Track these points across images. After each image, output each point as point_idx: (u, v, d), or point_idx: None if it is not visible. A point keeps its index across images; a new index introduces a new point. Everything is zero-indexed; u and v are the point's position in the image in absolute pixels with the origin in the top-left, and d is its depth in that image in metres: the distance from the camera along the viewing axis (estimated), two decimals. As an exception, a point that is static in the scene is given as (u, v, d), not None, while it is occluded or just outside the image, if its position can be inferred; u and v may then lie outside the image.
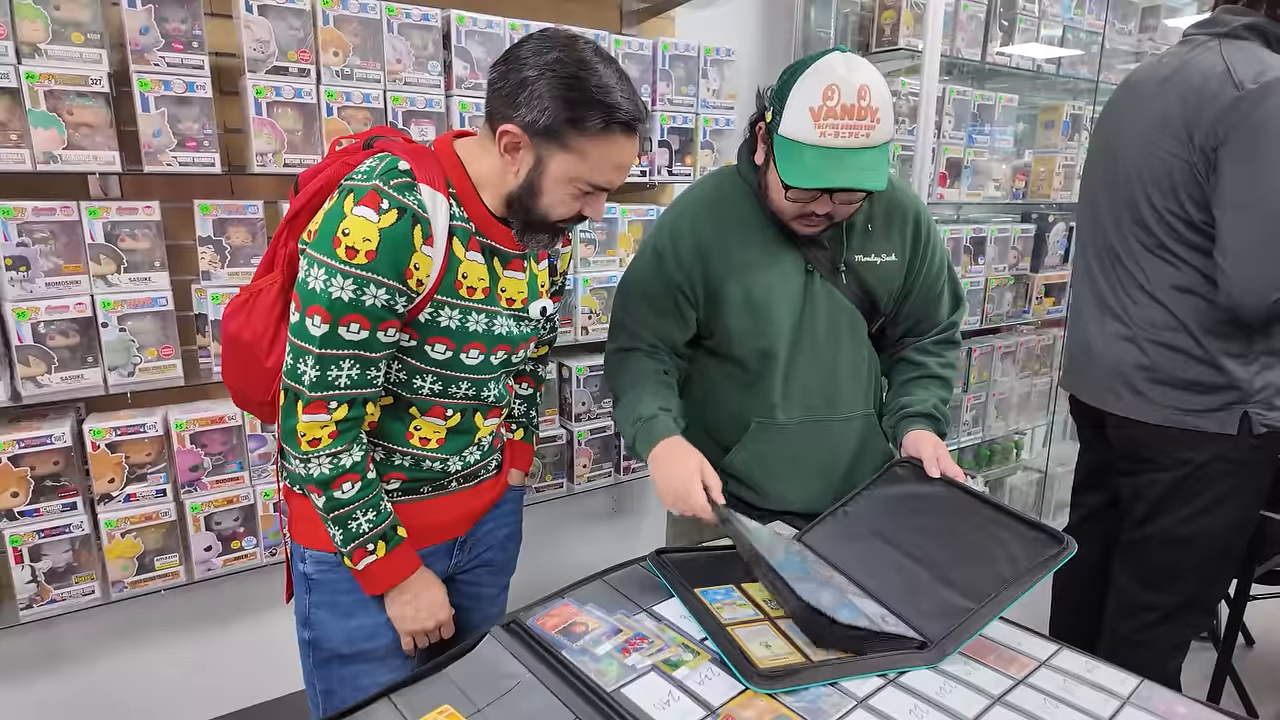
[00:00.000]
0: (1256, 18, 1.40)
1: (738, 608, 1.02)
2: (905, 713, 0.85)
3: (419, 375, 1.10)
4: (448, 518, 1.23)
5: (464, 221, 1.07)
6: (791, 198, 1.19)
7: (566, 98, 0.97)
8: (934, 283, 1.40)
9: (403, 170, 1.01)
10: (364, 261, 0.97)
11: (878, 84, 1.13)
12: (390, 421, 1.13)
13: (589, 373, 1.99)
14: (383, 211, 0.97)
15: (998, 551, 1.04)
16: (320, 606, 1.16)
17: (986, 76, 2.60)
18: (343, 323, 0.99)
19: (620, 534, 2.43)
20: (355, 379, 1.03)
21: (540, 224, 1.08)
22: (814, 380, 1.33)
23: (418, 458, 1.16)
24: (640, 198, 2.13)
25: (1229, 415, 1.44)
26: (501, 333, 1.13)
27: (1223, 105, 1.33)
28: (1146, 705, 0.88)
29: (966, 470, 2.99)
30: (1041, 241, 2.75)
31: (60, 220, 1.41)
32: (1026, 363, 2.86)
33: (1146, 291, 1.50)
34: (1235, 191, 1.34)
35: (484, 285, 1.10)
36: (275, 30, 1.50)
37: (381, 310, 1.00)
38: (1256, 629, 2.61)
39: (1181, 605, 1.58)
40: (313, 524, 1.13)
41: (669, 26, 2.16)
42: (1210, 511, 1.50)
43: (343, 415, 1.03)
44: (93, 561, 1.52)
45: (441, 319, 1.07)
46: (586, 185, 1.04)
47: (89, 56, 1.38)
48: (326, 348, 1.00)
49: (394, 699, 0.88)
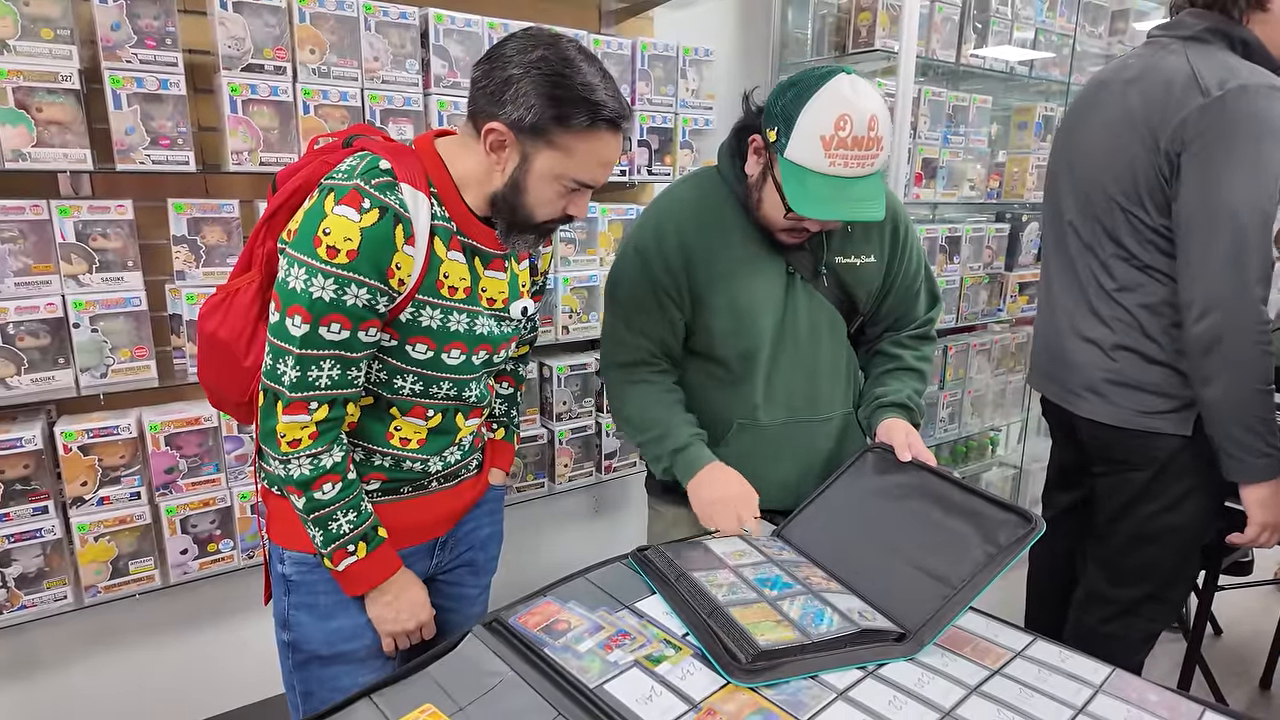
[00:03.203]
0: (1217, 21, 1.41)
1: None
2: (885, 704, 0.86)
3: (400, 375, 1.10)
4: (428, 518, 1.22)
5: (445, 221, 1.06)
6: (790, 218, 1.20)
7: (552, 95, 0.97)
8: (912, 281, 1.42)
9: (384, 169, 1.01)
10: (345, 261, 0.96)
11: (883, 112, 1.15)
12: (370, 422, 1.12)
13: (570, 372, 1.99)
14: (364, 211, 0.97)
15: (970, 534, 1.06)
16: (299, 608, 1.15)
17: (961, 78, 2.64)
18: (324, 323, 0.98)
19: (601, 533, 2.44)
20: (336, 379, 1.02)
21: (525, 224, 1.08)
22: (796, 381, 1.35)
23: (398, 458, 1.15)
24: (620, 197, 2.14)
25: (1185, 416, 1.46)
26: (483, 333, 1.13)
27: (1189, 110, 1.33)
28: (1118, 693, 0.89)
29: (944, 467, 3.03)
30: (1015, 241, 2.79)
31: (30, 219, 1.38)
32: (1001, 360, 2.90)
33: (1107, 293, 1.52)
34: (1197, 196, 1.34)
35: (465, 285, 1.10)
36: (250, 27, 1.49)
37: (363, 310, 0.99)
38: (1224, 618, 2.67)
39: (1146, 600, 1.61)
40: (291, 525, 1.12)
41: (648, 26, 2.17)
42: (1174, 509, 1.52)
43: (323, 416, 1.03)
44: (65, 566, 1.50)
45: (423, 319, 1.07)
46: (572, 182, 1.04)
47: (59, 53, 1.36)
48: (307, 348, 0.99)
49: (375, 699, 0.87)
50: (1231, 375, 1.34)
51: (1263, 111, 1.29)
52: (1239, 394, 1.34)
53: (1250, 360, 1.33)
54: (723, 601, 0.99)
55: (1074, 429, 1.67)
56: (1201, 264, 1.34)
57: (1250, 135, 1.29)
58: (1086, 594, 1.70)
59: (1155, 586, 1.59)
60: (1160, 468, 1.51)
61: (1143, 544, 1.57)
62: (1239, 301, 1.31)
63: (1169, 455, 1.49)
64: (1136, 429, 1.51)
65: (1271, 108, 1.30)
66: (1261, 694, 2.39)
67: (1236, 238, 1.30)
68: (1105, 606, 1.65)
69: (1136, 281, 1.48)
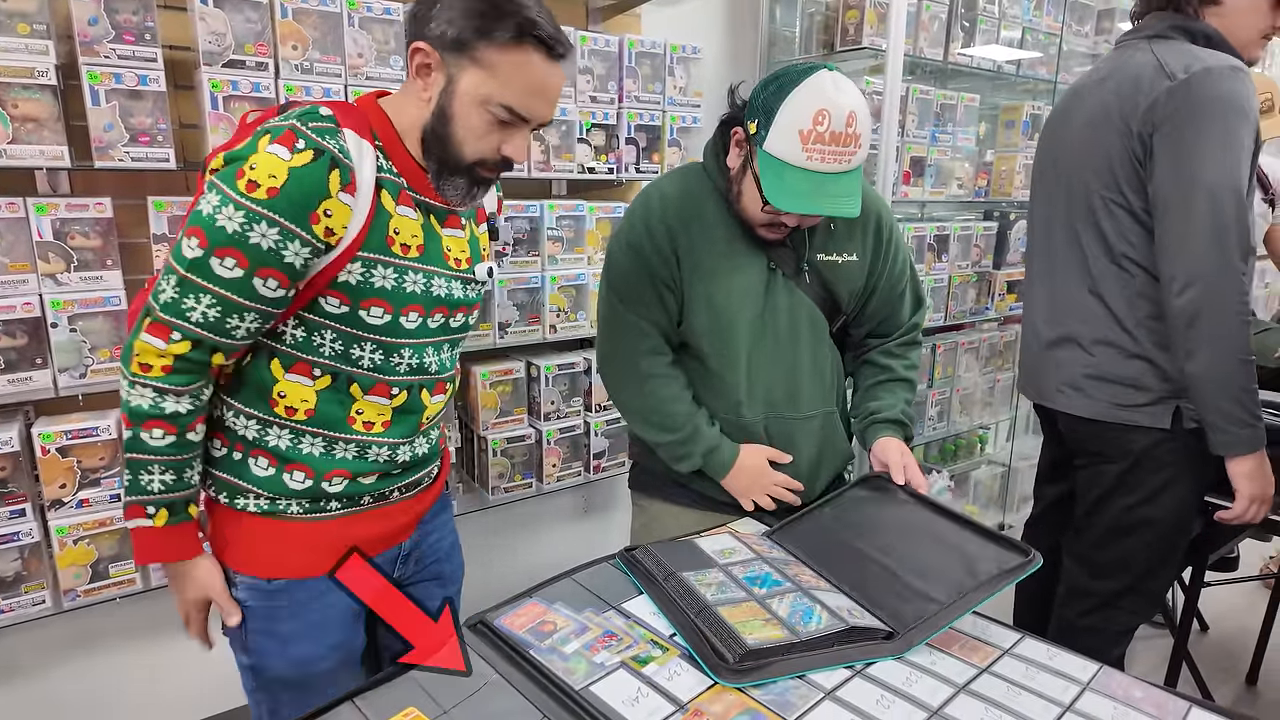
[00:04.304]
0: (1177, 19, 1.48)
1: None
2: (873, 703, 0.86)
3: (357, 344, 1.03)
4: (389, 527, 1.16)
5: (393, 175, 1.01)
6: (768, 211, 1.20)
7: (476, 8, 0.93)
8: (897, 282, 1.42)
9: (324, 115, 0.95)
10: (262, 198, 0.90)
11: (863, 109, 1.14)
12: (329, 405, 1.05)
13: (558, 371, 1.98)
14: (297, 151, 0.91)
15: (965, 559, 1.06)
16: (258, 634, 1.08)
17: (949, 76, 2.64)
18: (218, 254, 0.91)
19: (589, 533, 2.43)
20: (210, 321, 0.94)
21: (456, 163, 1.01)
22: (776, 377, 1.34)
23: (363, 444, 1.08)
24: (608, 195, 2.12)
25: (1162, 409, 1.49)
26: (440, 294, 1.08)
27: (1157, 94, 1.39)
28: (1106, 690, 0.89)
29: (933, 466, 3.05)
30: (1003, 239, 2.80)
31: (6, 217, 1.36)
32: (989, 359, 2.91)
33: (1086, 289, 1.55)
34: (1171, 175, 1.39)
35: (418, 243, 1.04)
36: (232, 23, 1.47)
37: (267, 254, 0.92)
38: (1210, 615, 2.69)
39: (1125, 593, 1.63)
40: (244, 543, 1.06)
41: (635, 24, 2.16)
42: (1151, 502, 1.54)
43: (182, 351, 0.95)
44: (43, 570, 1.48)
45: (375, 279, 1.00)
46: (500, 109, 0.97)
47: (35, 48, 1.33)
48: (192, 274, 0.92)
49: (358, 702, 0.86)
50: (1214, 348, 1.37)
51: (1227, 91, 1.35)
52: (1223, 366, 1.37)
53: (1232, 332, 1.36)
54: (711, 601, 0.98)
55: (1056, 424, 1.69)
56: (1180, 240, 1.38)
57: (1217, 114, 1.35)
58: (1067, 588, 1.72)
59: (1134, 579, 1.61)
60: (1136, 460, 1.53)
61: (1120, 536, 1.59)
62: (1220, 275, 1.35)
63: (1145, 448, 1.52)
64: (1112, 421, 1.53)
65: (1235, 87, 1.35)
66: (1247, 689, 2.41)
67: (1214, 212, 1.34)
68: (1085, 599, 1.67)
69: (1114, 275, 1.51)
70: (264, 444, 1.06)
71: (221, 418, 1.07)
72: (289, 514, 1.08)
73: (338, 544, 1.10)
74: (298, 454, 1.06)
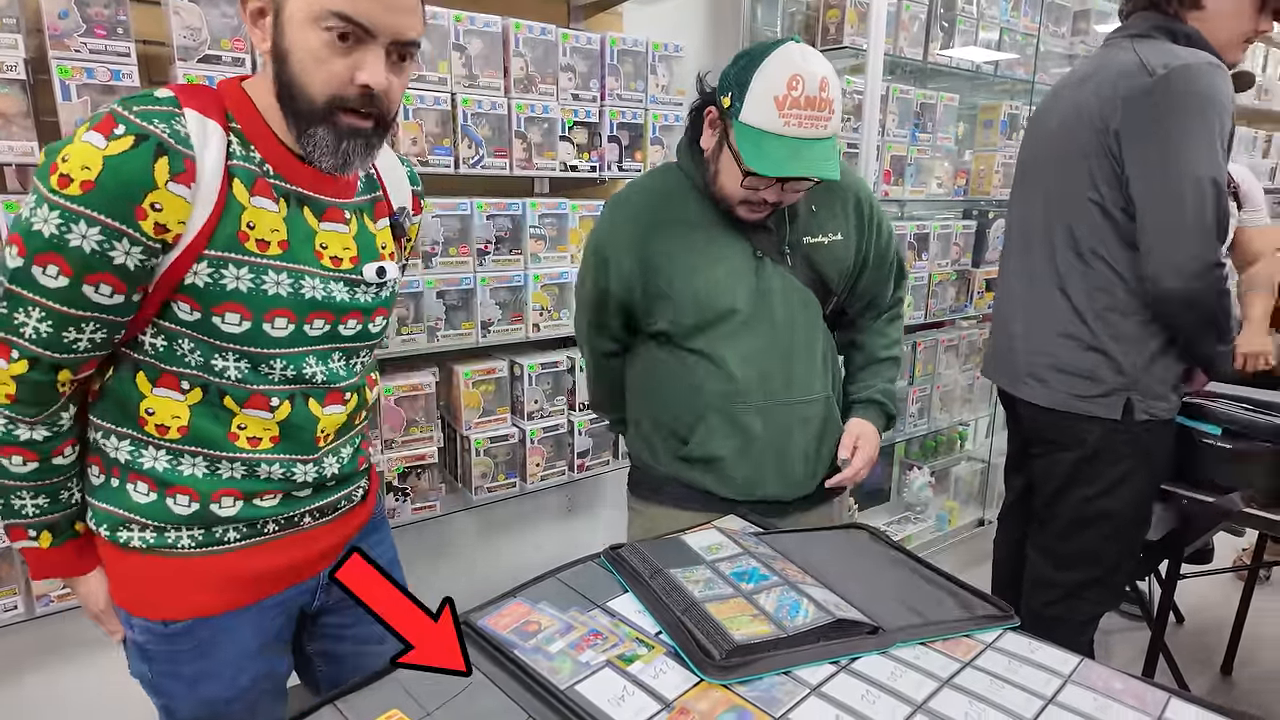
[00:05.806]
0: (1160, 20, 1.52)
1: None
2: (858, 698, 0.86)
3: (217, 355, 0.93)
4: (301, 556, 1.06)
5: (248, 162, 0.91)
6: (748, 185, 1.20)
7: None
8: (885, 255, 1.44)
9: (160, 97, 0.85)
10: (76, 193, 0.80)
11: (833, 77, 1.17)
12: (205, 422, 0.95)
13: (541, 370, 1.97)
14: (113, 138, 0.81)
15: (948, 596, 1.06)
16: (163, 676, 1.02)
17: (928, 76, 2.66)
18: (38, 262, 0.82)
19: (574, 533, 2.42)
20: (43, 337, 0.85)
21: (311, 109, 0.88)
22: (772, 363, 1.34)
23: (250, 462, 0.98)
24: (591, 193, 2.12)
25: (1115, 401, 1.54)
26: (315, 297, 0.96)
27: (1136, 90, 1.44)
28: (1086, 682, 0.90)
29: (914, 461, 3.07)
30: (982, 238, 2.82)
31: (-27, 215, 1.33)
32: (969, 356, 2.93)
33: (1058, 287, 1.60)
34: (1149, 170, 1.43)
35: (280, 239, 0.93)
36: (207, 17, 1.44)
37: (91, 257, 0.82)
38: (1186, 607, 2.74)
39: (1089, 584, 1.67)
40: (131, 586, 0.99)
41: (616, 22, 2.15)
42: (1109, 494, 1.59)
43: (21, 372, 0.86)
44: (15, 575, 1.44)
45: (226, 281, 0.89)
46: (334, 20, 0.84)
47: (3, 42, 1.30)
48: (16, 285, 0.83)
49: (339, 704, 0.85)
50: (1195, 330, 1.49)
51: (1206, 87, 1.39)
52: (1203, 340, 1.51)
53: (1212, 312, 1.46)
54: (699, 597, 0.98)
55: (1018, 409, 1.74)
56: (1173, 231, 1.42)
57: (1196, 108, 1.39)
58: (1032, 580, 1.76)
59: (1097, 570, 1.66)
60: (1092, 451, 1.58)
61: (1081, 528, 1.64)
62: (1211, 260, 1.41)
63: (1099, 438, 1.57)
64: (1066, 410, 1.59)
65: (1214, 83, 1.40)
66: (1223, 679, 2.46)
67: (1201, 202, 1.39)
68: (1049, 590, 1.71)
69: (1079, 269, 1.56)
70: (139, 467, 0.96)
71: (94, 440, 0.98)
72: (179, 548, 0.98)
73: (239, 578, 1.02)
74: (178, 476, 0.96)
